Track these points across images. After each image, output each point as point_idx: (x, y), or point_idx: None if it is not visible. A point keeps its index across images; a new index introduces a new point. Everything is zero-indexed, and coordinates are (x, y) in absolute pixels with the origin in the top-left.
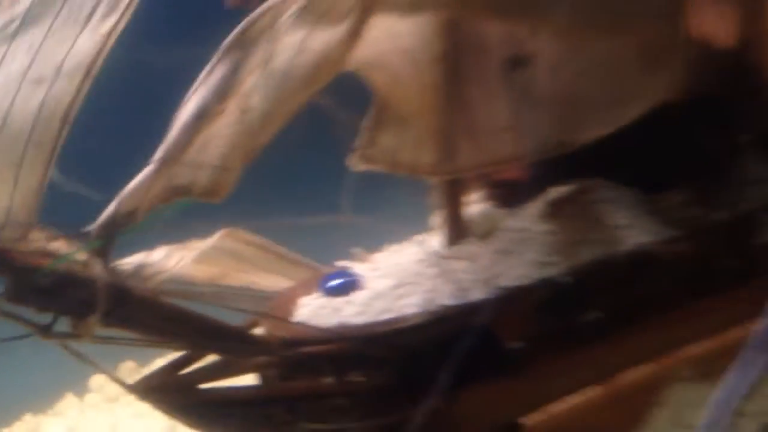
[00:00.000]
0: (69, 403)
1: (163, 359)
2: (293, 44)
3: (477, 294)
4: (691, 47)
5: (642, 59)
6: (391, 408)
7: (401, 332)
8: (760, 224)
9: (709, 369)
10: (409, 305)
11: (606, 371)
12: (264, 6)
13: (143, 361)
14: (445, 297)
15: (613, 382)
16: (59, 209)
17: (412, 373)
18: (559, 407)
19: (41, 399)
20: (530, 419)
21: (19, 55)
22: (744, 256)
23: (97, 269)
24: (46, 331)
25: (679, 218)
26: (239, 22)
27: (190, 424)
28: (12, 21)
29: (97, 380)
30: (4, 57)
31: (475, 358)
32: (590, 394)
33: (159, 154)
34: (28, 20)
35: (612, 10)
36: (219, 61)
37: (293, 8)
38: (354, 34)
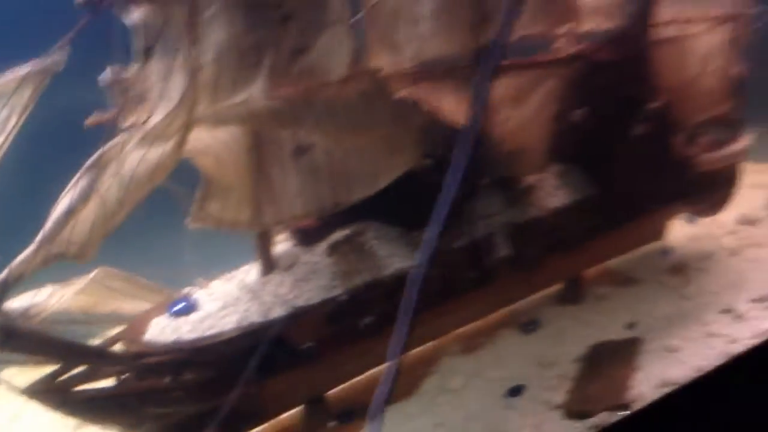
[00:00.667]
0: None
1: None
2: (136, 158)
3: (277, 312)
4: (424, 133)
5: (384, 147)
6: (214, 395)
7: (219, 344)
8: (491, 245)
9: (468, 346)
10: (229, 323)
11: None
12: (113, 141)
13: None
14: (254, 316)
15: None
16: None
17: (229, 371)
18: (357, 382)
19: None
20: (332, 394)
21: None
22: (480, 268)
23: None
24: None
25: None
26: None
27: (71, 416)
28: None
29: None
30: None
31: (273, 356)
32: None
33: (39, 236)
34: None
35: (356, 121)
36: (82, 175)
37: (135, 139)
38: (180, 145)
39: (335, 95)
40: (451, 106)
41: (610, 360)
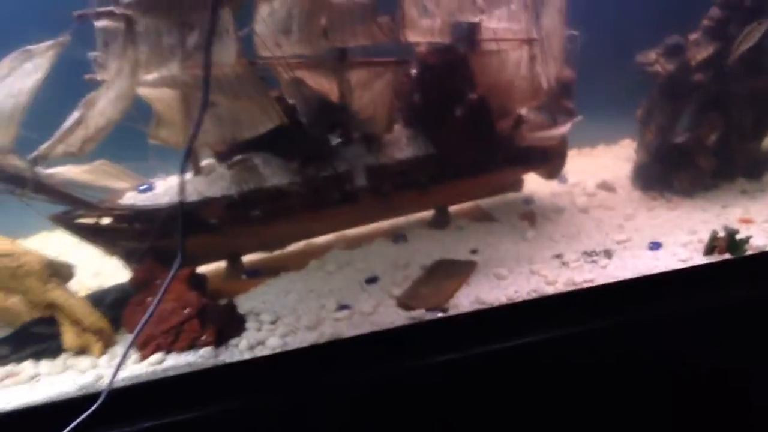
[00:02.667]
0: None
1: None
2: (108, 99)
3: (194, 197)
4: (283, 104)
5: (256, 108)
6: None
7: (153, 209)
8: (351, 177)
9: (350, 245)
10: (164, 199)
11: (273, 243)
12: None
13: None
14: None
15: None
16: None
17: (160, 227)
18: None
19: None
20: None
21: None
22: (342, 192)
23: (30, 172)
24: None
25: (298, 173)
26: None
27: (76, 237)
28: None
29: None
30: None
31: (190, 224)
32: (290, 249)
33: (55, 136)
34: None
35: (237, 91)
36: (80, 107)
37: (107, 89)
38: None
39: (224, 75)
40: (318, 85)
41: (446, 273)
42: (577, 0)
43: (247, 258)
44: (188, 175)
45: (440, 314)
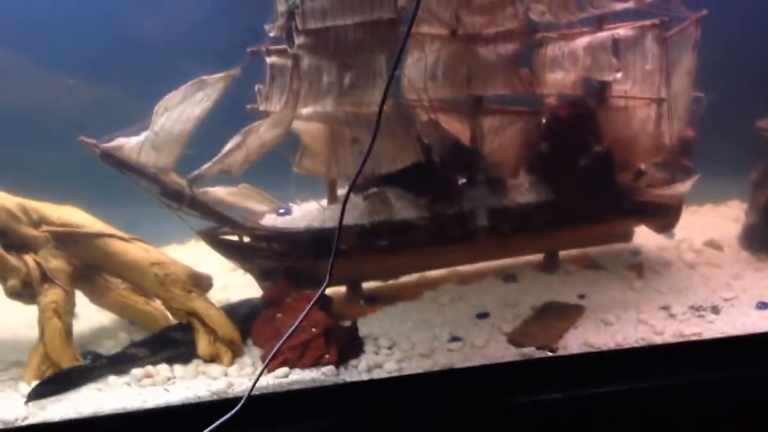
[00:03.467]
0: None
1: None
2: (266, 130)
3: (329, 225)
4: (422, 143)
5: (396, 146)
6: (289, 260)
7: (291, 233)
8: (474, 216)
9: (463, 280)
10: (301, 224)
11: (394, 272)
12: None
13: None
14: (316, 223)
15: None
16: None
17: (296, 250)
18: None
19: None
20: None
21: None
22: (464, 230)
23: (187, 188)
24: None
25: (427, 209)
26: None
27: (218, 252)
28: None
29: None
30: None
31: (322, 248)
32: (404, 280)
33: (214, 159)
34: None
35: (382, 129)
36: (239, 135)
37: (266, 121)
38: (288, 127)
39: (372, 113)
40: (451, 127)
41: (556, 315)
42: (703, 62)
43: (365, 285)
44: (323, 202)
45: (549, 353)
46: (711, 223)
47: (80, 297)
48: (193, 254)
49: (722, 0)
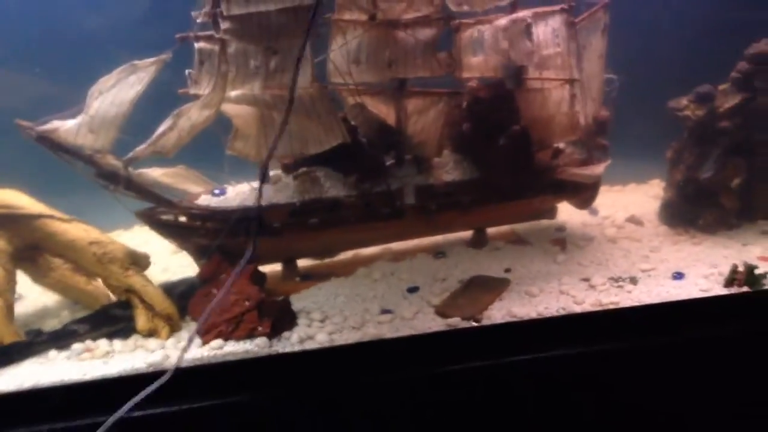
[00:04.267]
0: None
1: None
2: (196, 112)
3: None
4: (347, 125)
5: (322, 127)
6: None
7: (224, 211)
8: (401, 194)
9: (395, 257)
10: (233, 203)
11: (327, 249)
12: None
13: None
14: (248, 202)
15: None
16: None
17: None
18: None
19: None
20: (303, 264)
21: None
22: (392, 208)
23: (124, 171)
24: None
25: (355, 187)
26: None
27: (155, 231)
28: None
29: None
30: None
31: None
32: (340, 258)
33: (148, 141)
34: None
35: (308, 111)
36: (171, 117)
37: (197, 104)
38: (217, 108)
39: (298, 96)
40: (377, 109)
41: (482, 288)
42: (616, 47)
43: (301, 263)
44: (256, 183)
45: (474, 323)
46: (634, 200)
47: (24, 279)
48: (137, 238)
49: None
